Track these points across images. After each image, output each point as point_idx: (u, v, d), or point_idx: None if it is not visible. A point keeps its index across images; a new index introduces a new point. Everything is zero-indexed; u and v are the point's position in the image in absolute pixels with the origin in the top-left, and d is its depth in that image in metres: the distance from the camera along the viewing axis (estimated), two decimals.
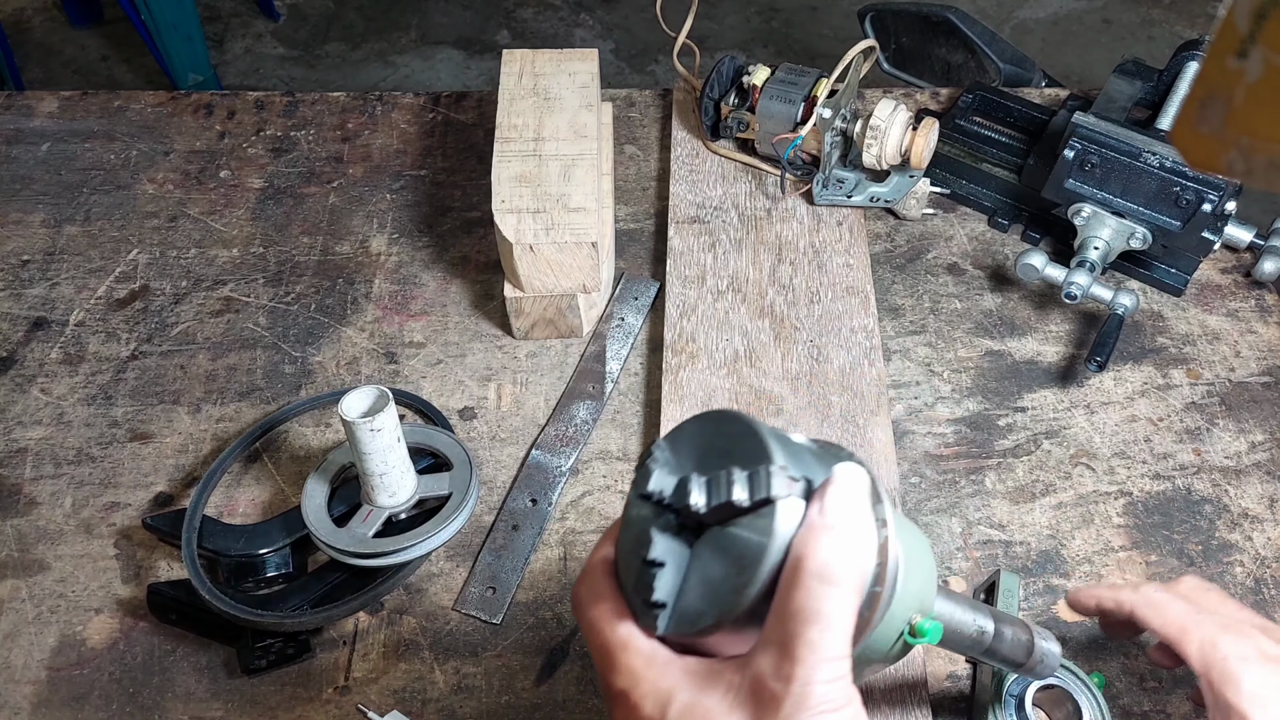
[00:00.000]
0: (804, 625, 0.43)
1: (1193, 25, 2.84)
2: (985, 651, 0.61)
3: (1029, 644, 0.63)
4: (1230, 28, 0.34)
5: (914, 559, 0.52)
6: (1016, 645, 0.62)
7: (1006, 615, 0.63)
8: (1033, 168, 1.03)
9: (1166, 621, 0.65)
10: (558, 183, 0.96)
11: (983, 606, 0.62)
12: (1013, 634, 0.62)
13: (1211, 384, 0.96)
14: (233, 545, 0.82)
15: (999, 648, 0.61)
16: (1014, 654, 0.62)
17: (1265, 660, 0.61)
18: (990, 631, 0.60)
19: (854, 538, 0.45)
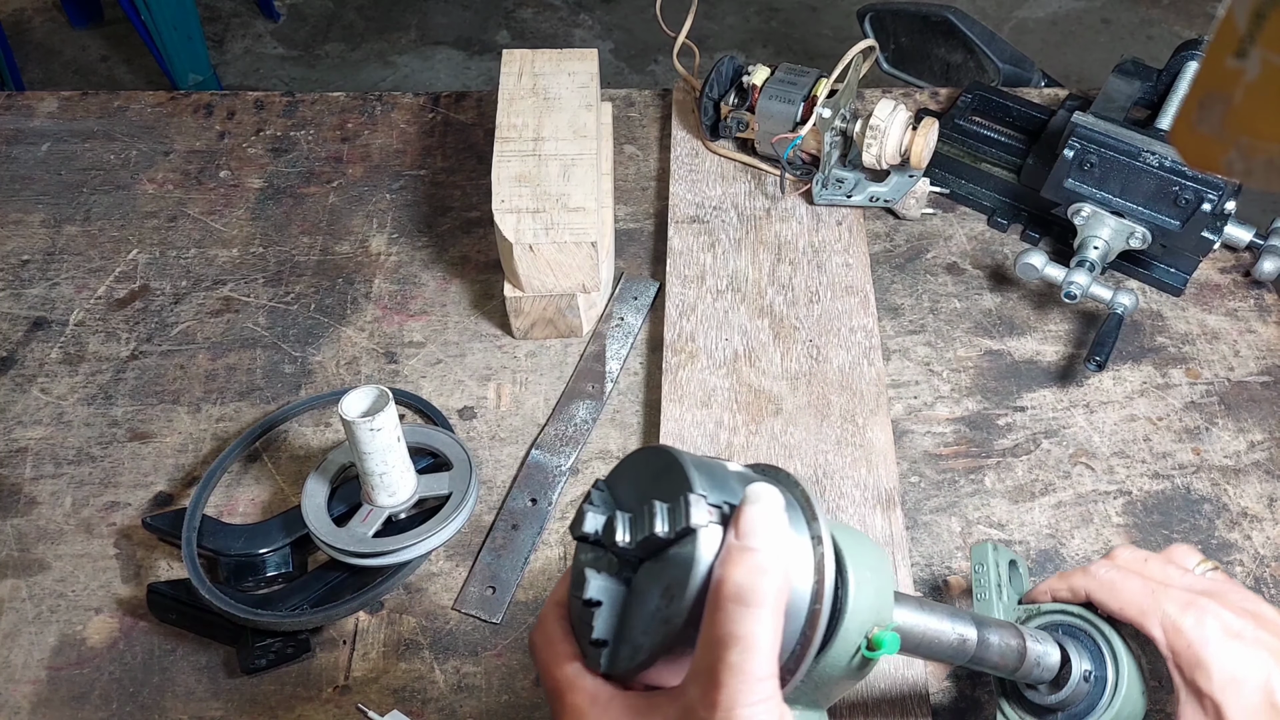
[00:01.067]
0: (725, 650, 0.43)
1: (1191, 25, 2.84)
2: (972, 660, 0.60)
3: (1020, 649, 0.61)
4: (1229, 27, 0.34)
5: (865, 571, 0.51)
6: (1006, 651, 0.61)
7: (995, 621, 0.62)
8: (1032, 167, 1.03)
9: (1125, 604, 0.63)
10: (557, 182, 0.96)
11: (965, 614, 0.60)
12: (1000, 640, 0.60)
13: (1211, 383, 0.96)
14: (233, 545, 0.82)
15: (985, 655, 0.60)
16: (1005, 660, 0.61)
17: (1230, 637, 0.59)
18: (973, 639, 0.59)
19: (767, 558, 0.44)
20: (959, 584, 0.83)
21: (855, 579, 0.50)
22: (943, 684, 0.78)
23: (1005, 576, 0.75)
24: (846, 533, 0.52)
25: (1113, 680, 0.64)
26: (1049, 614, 0.69)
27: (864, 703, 0.75)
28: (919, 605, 0.58)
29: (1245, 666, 0.58)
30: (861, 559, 0.51)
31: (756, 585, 0.43)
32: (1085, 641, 0.67)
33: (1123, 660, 0.64)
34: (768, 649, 0.43)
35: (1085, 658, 0.65)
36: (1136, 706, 0.64)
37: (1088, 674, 0.64)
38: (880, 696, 0.75)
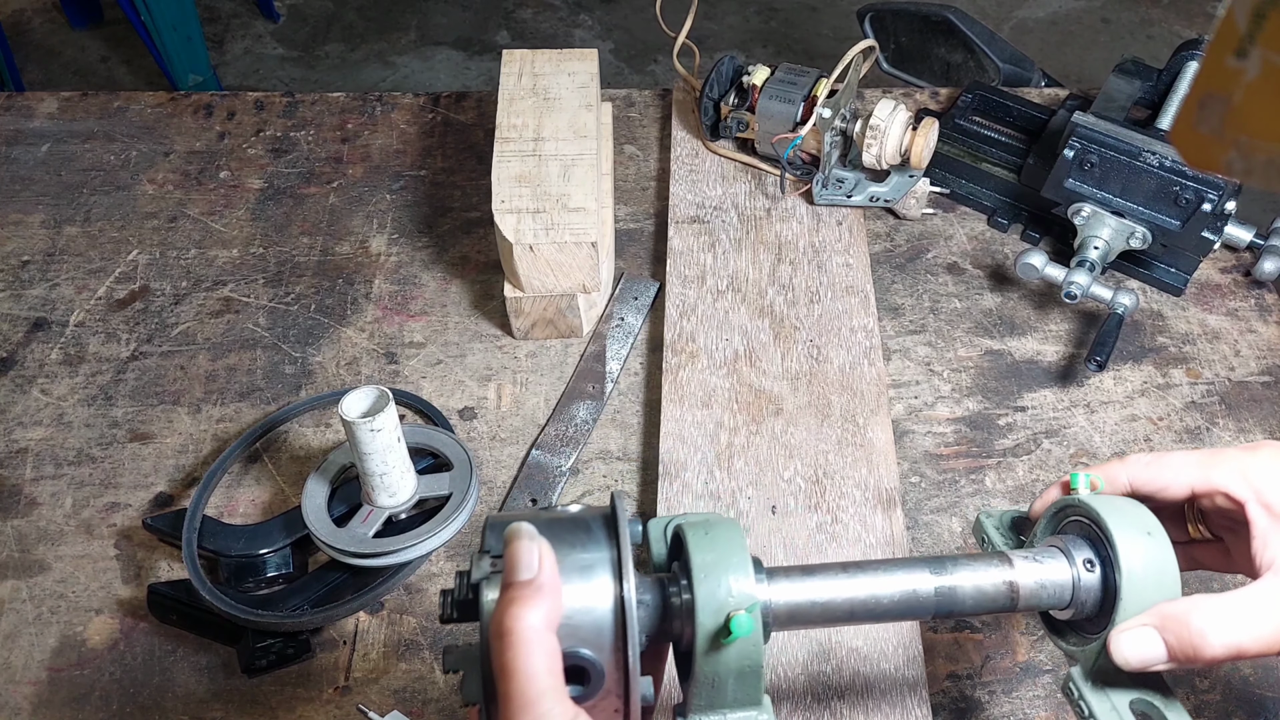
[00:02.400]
0: (501, 682, 0.45)
1: (1191, 25, 2.84)
2: (944, 612, 0.55)
3: (1009, 586, 0.55)
4: (1229, 27, 0.34)
5: (707, 555, 0.51)
6: (987, 594, 0.55)
7: (974, 559, 0.56)
8: (1032, 167, 1.03)
9: (1178, 472, 0.58)
10: (557, 183, 0.96)
11: (921, 562, 0.55)
12: (977, 582, 0.55)
13: (1211, 383, 0.96)
14: (233, 545, 0.82)
15: (959, 604, 0.55)
16: (992, 602, 0.55)
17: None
18: (925, 591, 0.55)
19: (519, 591, 0.46)
20: None
21: (697, 575, 0.51)
22: (943, 684, 0.78)
23: (1009, 533, 0.67)
24: (696, 528, 0.53)
25: (1118, 561, 0.55)
26: (1051, 518, 0.62)
27: (864, 703, 0.75)
28: (806, 575, 0.55)
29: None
30: (706, 550, 0.51)
31: (509, 618, 0.45)
32: (1083, 532, 0.59)
33: (1117, 536, 0.56)
34: (532, 673, 0.45)
35: (1085, 547, 0.57)
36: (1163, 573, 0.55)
37: (1089, 563, 0.57)
38: (880, 697, 0.75)
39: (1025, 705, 0.77)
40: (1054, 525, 0.62)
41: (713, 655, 0.50)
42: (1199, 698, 0.78)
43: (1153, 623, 0.53)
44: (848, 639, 0.78)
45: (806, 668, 0.76)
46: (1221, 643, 0.51)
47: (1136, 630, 0.53)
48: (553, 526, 0.50)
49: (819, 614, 0.55)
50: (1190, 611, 0.52)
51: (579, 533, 0.51)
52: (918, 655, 0.77)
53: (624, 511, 0.51)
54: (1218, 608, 0.52)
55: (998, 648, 0.80)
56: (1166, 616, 0.53)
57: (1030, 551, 0.57)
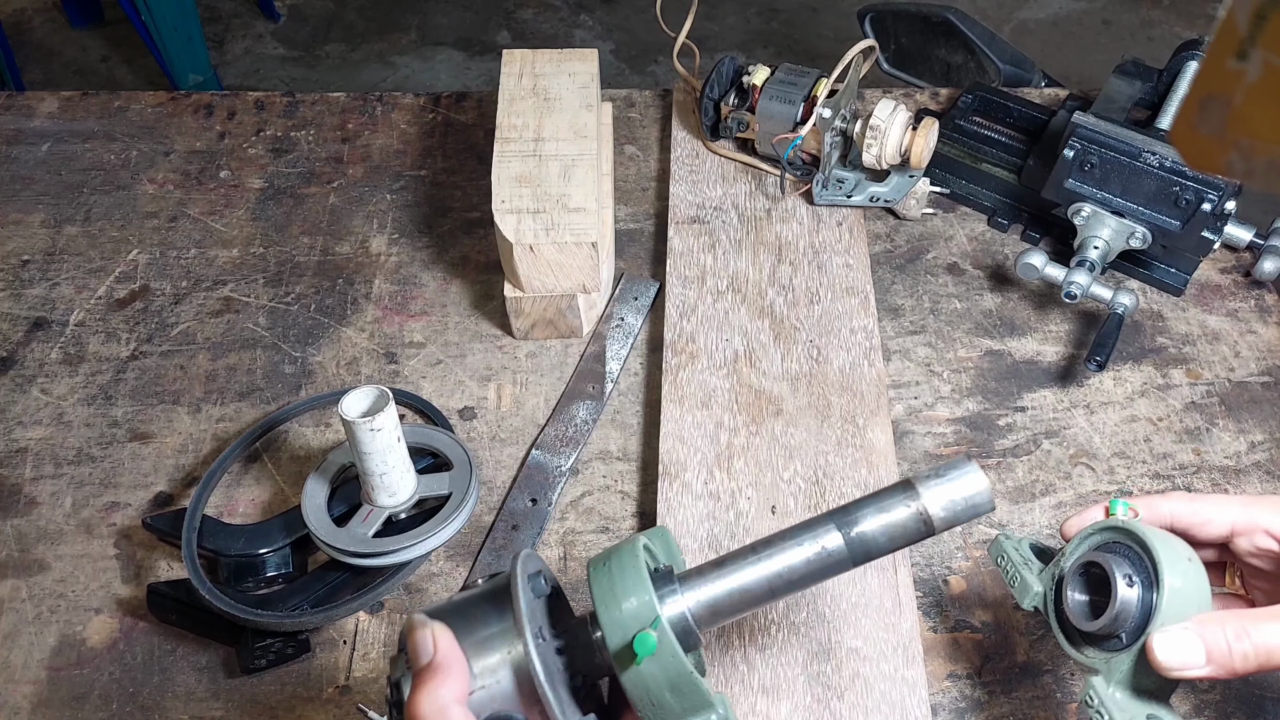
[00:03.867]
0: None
1: (1192, 26, 2.84)
2: (864, 556, 0.54)
3: (919, 513, 0.53)
4: (1230, 29, 0.34)
5: (606, 594, 0.52)
6: (899, 527, 0.54)
7: (873, 502, 0.54)
8: (1032, 168, 1.03)
9: (1214, 513, 0.60)
10: (558, 183, 0.96)
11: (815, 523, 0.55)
12: (883, 522, 0.54)
13: (1211, 384, 0.96)
14: (233, 545, 0.82)
15: (875, 545, 0.54)
16: (906, 534, 0.54)
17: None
18: (833, 546, 0.54)
19: (420, 680, 0.50)
20: (959, 584, 0.83)
21: (598, 601, 0.52)
22: (943, 684, 0.78)
23: (1028, 554, 0.69)
24: (597, 562, 0.54)
25: (1160, 577, 0.58)
26: (1086, 539, 0.64)
27: (864, 703, 0.75)
28: (717, 569, 0.55)
29: None
30: (603, 580, 0.53)
31: (415, 705, 0.49)
32: (1122, 551, 0.61)
33: (1161, 555, 0.58)
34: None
35: (1125, 564, 0.59)
36: (1200, 594, 0.58)
37: (1129, 578, 0.59)
38: (880, 697, 0.75)
39: (1025, 705, 0.77)
40: (1087, 546, 0.64)
41: (635, 677, 0.51)
42: (1199, 697, 0.78)
43: (1193, 628, 0.55)
44: (847, 639, 0.78)
45: (806, 668, 0.76)
46: (1257, 647, 0.53)
47: (1178, 633, 0.55)
48: (462, 607, 0.54)
49: (740, 602, 0.55)
50: (1228, 619, 0.54)
51: (485, 605, 0.54)
52: (918, 655, 0.77)
53: (521, 572, 0.53)
54: (1256, 616, 0.55)
55: (997, 648, 0.80)
56: (1205, 623, 0.55)
57: (935, 470, 0.54)
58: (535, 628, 0.52)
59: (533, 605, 0.53)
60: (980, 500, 0.53)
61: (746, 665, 0.76)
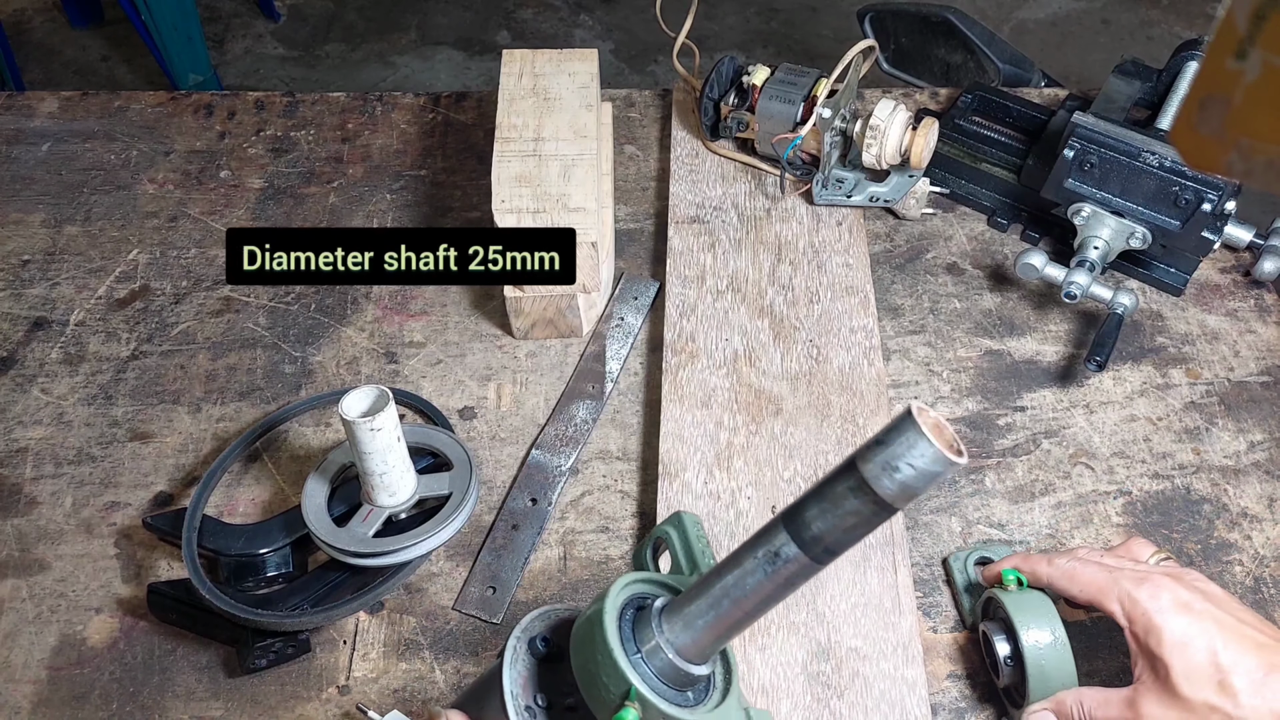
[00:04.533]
0: None
1: (1191, 25, 2.84)
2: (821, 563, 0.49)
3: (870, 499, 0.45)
4: (1229, 28, 0.34)
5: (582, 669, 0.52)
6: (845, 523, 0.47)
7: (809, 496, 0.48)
8: (1032, 168, 1.03)
9: (1084, 587, 0.70)
10: (558, 183, 0.96)
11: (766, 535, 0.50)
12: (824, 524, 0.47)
13: (1211, 383, 0.96)
14: (233, 545, 0.82)
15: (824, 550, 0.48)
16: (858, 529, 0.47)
17: (1180, 609, 0.65)
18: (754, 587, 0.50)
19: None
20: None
21: (579, 681, 0.52)
22: (943, 684, 0.78)
23: (972, 575, 0.82)
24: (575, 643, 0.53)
25: (1024, 661, 0.71)
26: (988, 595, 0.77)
27: (864, 703, 0.75)
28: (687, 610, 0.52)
29: (1193, 633, 0.64)
30: (583, 669, 0.52)
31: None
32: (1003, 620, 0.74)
33: (1025, 642, 0.71)
34: None
35: (1005, 641, 0.73)
36: (1061, 672, 0.71)
37: (1008, 659, 0.72)
38: (880, 696, 0.75)
39: None
40: (986, 609, 0.77)
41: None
42: None
43: (1050, 706, 0.69)
44: (847, 639, 0.78)
45: (806, 668, 0.76)
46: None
47: (1039, 710, 0.70)
48: (476, 689, 0.57)
49: (722, 632, 0.52)
50: (1076, 699, 0.68)
51: (492, 684, 0.54)
52: (918, 655, 0.77)
53: (514, 646, 0.54)
54: (1095, 697, 0.68)
55: None
56: (1059, 702, 0.69)
57: (877, 437, 0.45)
58: (526, 700, 0.53)
59: (527, 676, 0.54)
60: (928, 465, 0.44)
61: (746, 665, 0.76)
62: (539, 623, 0.56)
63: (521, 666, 0.54)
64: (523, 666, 0.54)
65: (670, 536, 0.60)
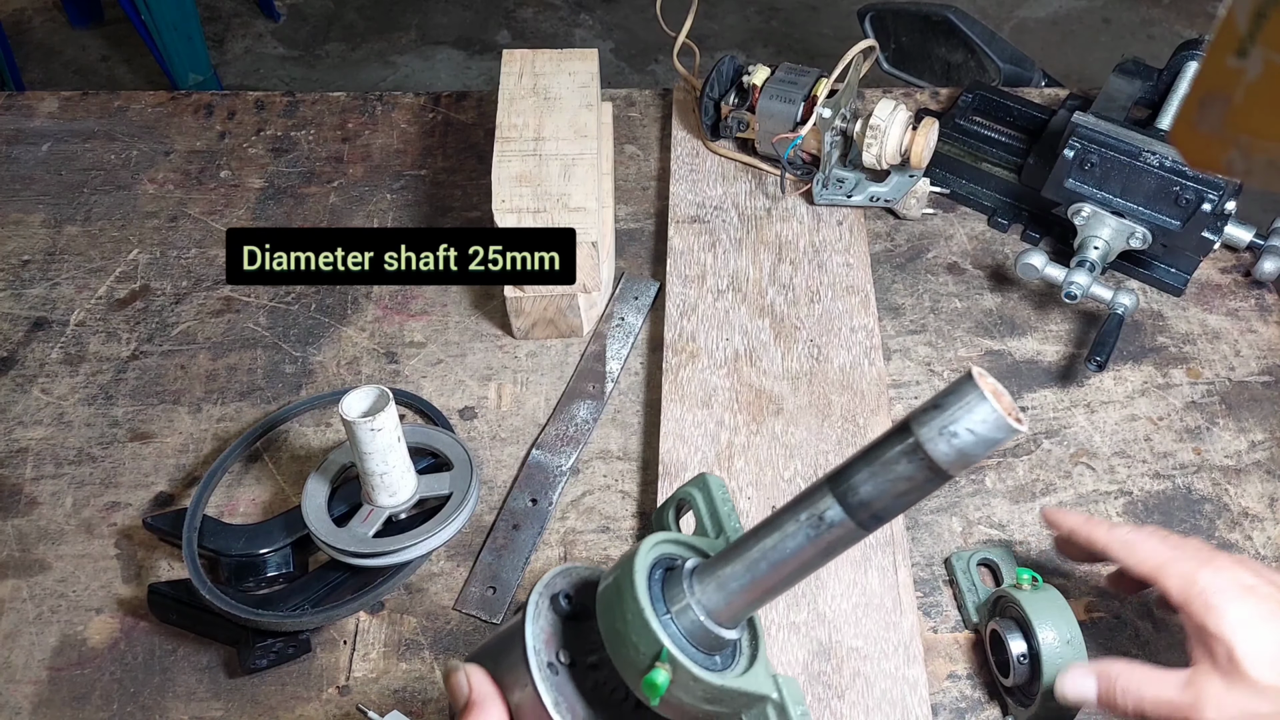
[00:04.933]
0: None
1: (1192, 25, 2.84)
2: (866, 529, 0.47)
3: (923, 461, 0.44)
4: (1230, 27, 0.34)
5: (611, 633, 0.50)
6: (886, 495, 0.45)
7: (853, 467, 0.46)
8: (1032, 167, 1.03)
9: (1142, 559, 0.67)
10: (558, 182, 0.96)
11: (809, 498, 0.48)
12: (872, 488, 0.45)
13: (1211, 383, 0.96)
14: (233, 545, 0.82)
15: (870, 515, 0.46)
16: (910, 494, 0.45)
17: (1244, 591, 0.63)
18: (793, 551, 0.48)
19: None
20: None
21: (606, 642, 0.51)
22: (943, 684, 0.78)
23: (975, 577, 0.82)
24: (603, 598, 0.52)
25: (1040, 661, 0.71)
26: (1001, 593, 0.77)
27: (864, 702, 0.75)
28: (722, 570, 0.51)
29: (1258, 615, 0.62)
30: (611, 628, 0.51)
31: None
32: (1016, 617, 0.75)
33: (1042, 642, 0.71)
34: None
35: (1020, 640, 0.74)
36: None
37: (1022, 656, 0.73)
38: (880, 696, 0.75)
39: None
40: (995, 608, 0.77)
41: (665, 707, 0.49)
42: None
43: (1093, 670, 0.66)
44: (848, 638, 0.78)
45: (807, 667, 0.76)
46: (1131, 696, 0.64)
47: (1080, 671, 0.66)
48: (493, 645, 0.54)
49: (757, 594, 0.50)
50: (1126, 673, 0.65)
51: (510, 639, 0.53)
52: (918, 655, 0.77)
53: (537, 600, 0.53)
54: (1140, 671, 0.64)
55: None
56: (1104, 673, 0.65)
57: (933, 400, 0.45)
58: (548, 657, 0.51)
59: (549, 633, 0.52)
60: (988, 431, 0.43)
61: None
62: (562, 579, 0.55)
63: (544, 622, 0.52)
64: (545, 623, 0.52)
65: (694, 498, 0.59)
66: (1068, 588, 0.83)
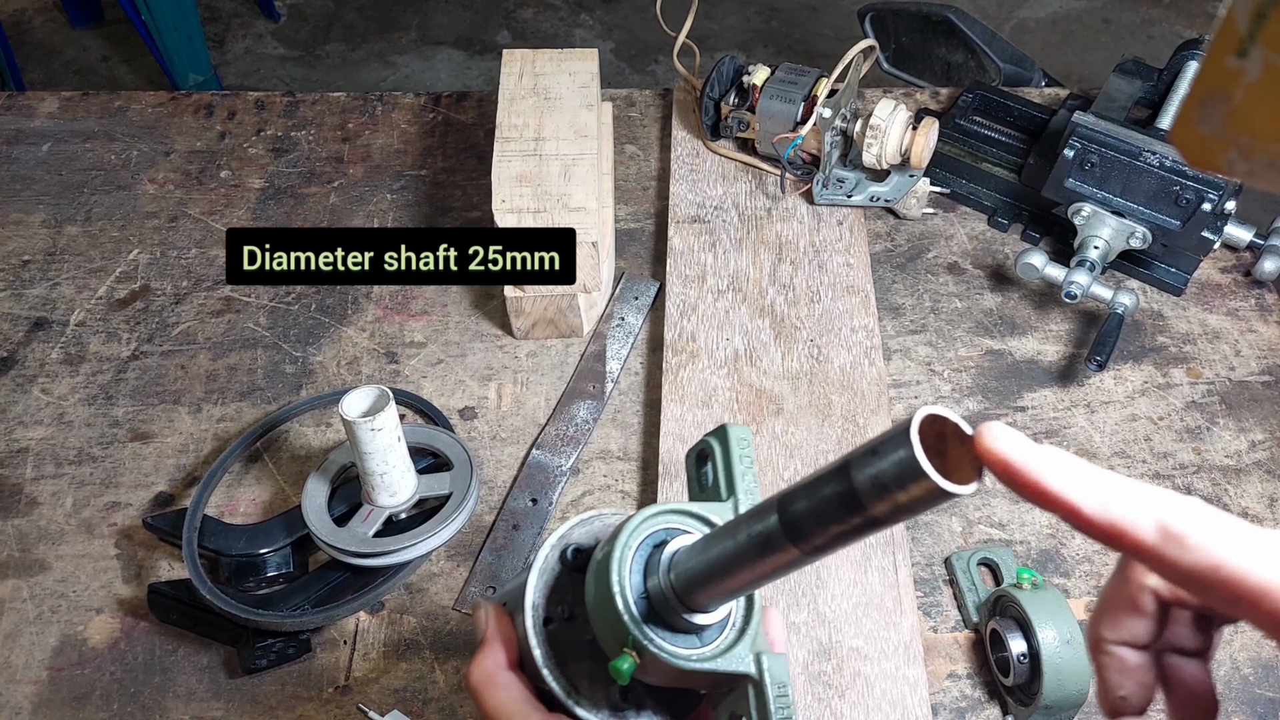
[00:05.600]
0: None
1: (1192, 24, 2.84)
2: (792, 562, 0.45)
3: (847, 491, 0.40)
4: (1230, 27, 0.34)
5: (593, 602, 0.50)
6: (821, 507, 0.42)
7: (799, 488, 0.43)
8: (1033, 167, 1.03)
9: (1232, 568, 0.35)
10: (558, 182, 0.96)
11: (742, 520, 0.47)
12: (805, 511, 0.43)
13: (1212, 383, 0.96)
14: (233, 545, 0.82)
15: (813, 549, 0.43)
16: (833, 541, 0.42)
17: None
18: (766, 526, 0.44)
19: (476, 655, 0.52)
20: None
21: (590, 608, 0.50)
22: (943, 684, 0.78)
23: (975, 577, 0.82)
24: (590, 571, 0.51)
25: (1040, 661, 0.72)
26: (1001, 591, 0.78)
27: (864, 703, 0.75)
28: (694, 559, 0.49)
29: None
30: (592, 582, 0.50)
31: (468, 677, 0.52)
32: (1015, 617, 0.75)
33: (1042, 639, 0.72)
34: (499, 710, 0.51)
35: (1019, 639, 0.74)
36: (1078, 674, 0.72)
37: (1023, 656, 0.73)
38: (880, 696, 0.75)
39: None
40: (995, 608, 0.77)
41: (643, 675, 0.49)
42: None
43: (1150, 497, 0.37)
44: (848, 638, 0.78)
45: (806, 667, 0.76)
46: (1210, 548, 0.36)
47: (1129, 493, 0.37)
48: (513, 591, 0.54)
49: (721, 595, 0.48)
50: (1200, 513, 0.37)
51: (520, 591, 0.53)
52: (918, 655, 0.77)
53: (548, 552, 0.52)
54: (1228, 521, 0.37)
55: None
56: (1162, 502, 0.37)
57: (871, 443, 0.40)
58: (548, 611, 0.51)
59: (555, 585, 0.52)
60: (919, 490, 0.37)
61: None
62: (580, 530, 0.54)
63: (550, 576, 0.52)
64: (551, 576, 0.52)
65: (714, 450, 0.55)
66: (1068, 588, 0.83)
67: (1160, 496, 0.37)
